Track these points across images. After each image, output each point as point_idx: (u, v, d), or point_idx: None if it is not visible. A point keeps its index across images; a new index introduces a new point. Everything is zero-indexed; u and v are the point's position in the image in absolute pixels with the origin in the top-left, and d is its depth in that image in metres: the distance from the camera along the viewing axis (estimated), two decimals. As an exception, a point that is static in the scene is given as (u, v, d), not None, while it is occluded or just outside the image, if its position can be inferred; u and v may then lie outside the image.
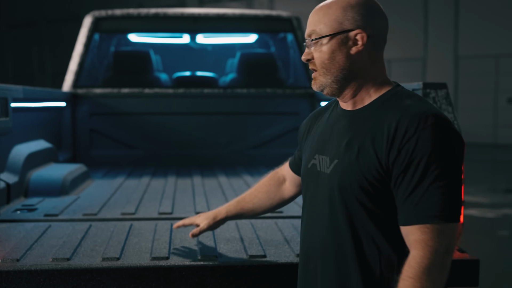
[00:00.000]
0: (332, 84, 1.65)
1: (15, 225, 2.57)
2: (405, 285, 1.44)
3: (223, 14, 4.98)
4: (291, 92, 4.84)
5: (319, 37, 1.63)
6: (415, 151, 1.46)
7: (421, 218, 1.45)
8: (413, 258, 1.45)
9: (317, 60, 1.65)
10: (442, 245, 1.44)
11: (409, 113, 1.50)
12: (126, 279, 2.04)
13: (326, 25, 1.63)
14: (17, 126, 3.26)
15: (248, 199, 2.16)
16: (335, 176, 1.61)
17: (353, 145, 1.59)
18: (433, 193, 1.44)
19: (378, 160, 1.52)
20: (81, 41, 4.78)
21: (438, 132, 1.46)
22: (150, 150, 4.71)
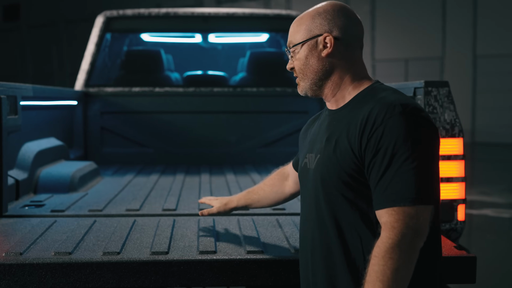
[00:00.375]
0: (312, 87, 1.79)
1: (22, 220, 2.63)
2: (371, 263, 1.51)
3: (232, 13, 5.02)
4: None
5: (292, 45, 1.79)
6: (382, 139, 1.54)
7: (388, 201, 1.52)
8: (380, 239, 1.52)
9: (296, 67, 1.80)
10: (408, 226, 1.49)
11: (379, 104, 1.60)
12: (126, 273, 2.08)
13: (299, 34, 1.77)
14: (28, 124, 3.33)
15: (256, 191, 2.35)
16: (317, 170, 1.72)
17: (331, 140, 1.69)
18: (400, 178, 1.51)
19: (352, 151, 1.61)
20: (93, 41, 4.85)
21: (404, 119, 1.54)
22: (160, 148, 4.77)
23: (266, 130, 4.81)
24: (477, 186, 10.38)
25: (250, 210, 2.87)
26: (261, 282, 2.14)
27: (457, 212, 2.59)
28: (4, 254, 2.10)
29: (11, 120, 2.87)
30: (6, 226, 2.52)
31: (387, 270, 1.47)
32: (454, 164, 2.61)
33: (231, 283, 2.14)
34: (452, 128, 2.57)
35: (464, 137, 2.64)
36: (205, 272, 2.11)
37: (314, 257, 1.74)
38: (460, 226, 2.60)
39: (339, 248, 1.65)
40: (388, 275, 1.47)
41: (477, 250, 6.33)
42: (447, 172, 2.57)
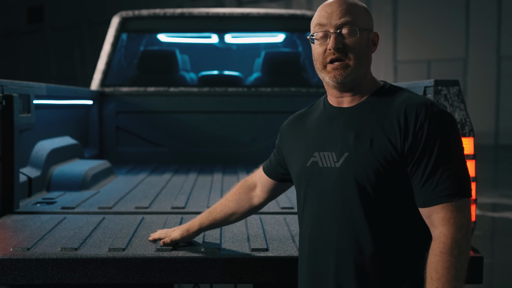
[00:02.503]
0: (361, 76, 1.73)
1: (32, 217, 2.67)
2: (438, 260, 1.54)
3: (247, 13, 5.03)
4: (315, 91, 4.85)
5: (364, 29, 1.72)
6: (430, 136, 1.59)
7: (443, 197, 1.57)
8: (442, 234, 1.55)
9: (353, 50, 1.70)
10: (466, 218, 1.57)
11: (413, 102, 1.64)
12: (131, 269, 2.10)
13: (362, 19, 1.73)
14: (42, 122, 3.38)
15: (219, 209, 2.19)
16: (349, 168, 1.68)
17: (363, 138, 1.67)
18: (449, 173, 1.57)
19: (393, 147, 1.62)
20: (108, 41, 4.91)
21: (443, 116, 1.62)
22: (175, 147, 4.79)
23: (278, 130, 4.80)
24: (499, 189, 10.24)
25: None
26: (265, 280, 2.14)
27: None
28: (11, 249, 2.14)
29: (23, 118, 2.91)
30: (16, 222, 2.56)
31: (458, 265, 1.52)
32: (465, 164, 2.58)
33: (235, 281, 2.14)
34: (462, 128, 2.54)
35: (474, 136, 2.60)
36: (209, 269, 2.12)
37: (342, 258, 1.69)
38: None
39: (372, 246, 1.65)
40: (458, 269, 1.53)
41: (498, 253, 6.25)
42: (457, 172, 2.54)
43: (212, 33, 5.53)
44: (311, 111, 1.92)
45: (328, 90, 1.81)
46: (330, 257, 1.72)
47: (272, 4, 22.00)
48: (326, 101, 1.85)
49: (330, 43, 1.69)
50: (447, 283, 1.51)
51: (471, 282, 2.18)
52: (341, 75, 1.70)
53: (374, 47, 1.77)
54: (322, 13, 1.73)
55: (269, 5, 21.66)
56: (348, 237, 1.68)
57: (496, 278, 5.42)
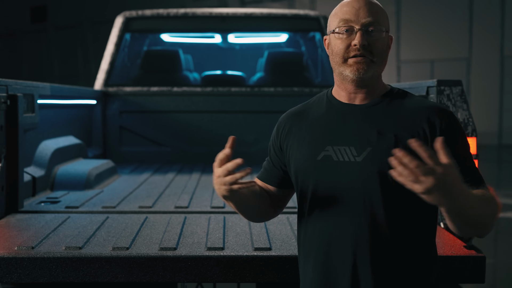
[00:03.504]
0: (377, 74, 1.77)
1: (37, 216, 2.68)
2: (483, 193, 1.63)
3: (250, 13, 5.04)
4: (318, 91, 4.85)
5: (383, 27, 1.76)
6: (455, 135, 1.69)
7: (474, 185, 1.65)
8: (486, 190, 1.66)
9: (377, 48, 1.74)
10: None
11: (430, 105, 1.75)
12: (134, 268, 2.12)
13: (385, 20, 1.78)
14: (46, 122, 3.40)
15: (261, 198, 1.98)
16: (370, 163, 1.69)
17: (386, 135, 1.70)
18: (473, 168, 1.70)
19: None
20: (112, 41, 4.92)
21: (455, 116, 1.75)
22: (178, 147, 4.81)
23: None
24: (502, 189, 10.23)
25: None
26: (268, 279, 2.15)
27: None
28: (16, 248, 2.15)
29: (27, 118, 2.93)
30: (21, 221, 2.58)
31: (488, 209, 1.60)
32: (468, 163, 2.59)
33: (238, 279, 2.15)
34: (465, 128, 2.55)
35: (477, 136, 2.61)
36: (212, 268, 2.13)
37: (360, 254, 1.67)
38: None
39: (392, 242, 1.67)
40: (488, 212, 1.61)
41: (501, 253, 6.25)
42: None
43: (215, 33, 5.54)
44: (310, 107, 1.88)
45: (341, 85, 1.78)
46: (346, 252, 1.69)
47: (275, 4, 22.00)
48: (332, 97, 1.82)
49: (356, 39, 1.71)
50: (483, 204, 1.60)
51: (473, 281, 2.19)
52: (363, 69, 1.71)
53: (388, 49, 1.81)
54: (348, 8, 1.74)
55: (272, 5, 21.67)
56: (368, 233, 1.67)
57: (499, 278, 5.43)
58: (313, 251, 1.76)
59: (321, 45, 5.19)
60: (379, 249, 1.66)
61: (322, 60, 5.21)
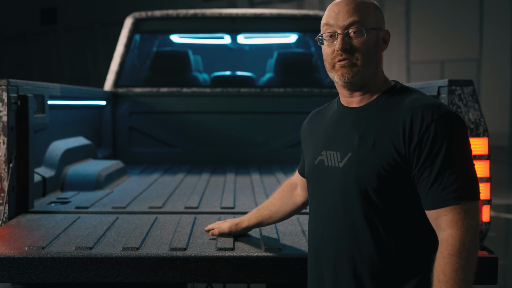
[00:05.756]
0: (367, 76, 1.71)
1: (47, 216, 2.69)
2: (446, 262, 1.52)
3: (260, 14, 5.03)
4: (328, 91, 4.85)
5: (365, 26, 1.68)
6: (435, 139, 1.56)
7: (450, 199, 1.55)
8: (450, 236, 1.53)
9: (360, 50, 1.68)
10: (474, 221, 1.55)
11: (420, 104, 1.61)
12: (144, 268, 2.12)
13: (370, 18, 1.70)
14: (56, 122, 3.41)
15: (266, 207, 2.27)
16: (350, 169, 1.67)
17: (367, 139, 1.66)
18: (457, 176, 1.55)
19: (396, 151, 1.60)
20: (122, 42, 4.93)
21: (450, 120, 1.58)
22: (187, 148, 4.81)
23: (293, 131, 4.81)
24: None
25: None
26: (278, 280, 2.15)
27: (482, 213, 2.54)
28: (27, 248, 2.16)
29: (38, 119, 2.94)
30: (31, 222, 2.58)
31: (466, 267, 1.51)
32: (479, 164, 2.56)
33: (248, 280, 2.15)
34: (476, 128, 2.53)
35: (489, 136, 2.59)
36: (223, 269, 2.13)
37: (339, 256, 1.71)
38: (484, 227, 2.55)
39: (371, 247, 1.64)
40: (467, 271, 1.51)
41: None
42: (471, 173, 2.52)
43: (225, 34, 5.54)
44: (328, 109, 1.92)
45: (338, 89, 1.80)
46: (329, 257, 1.74)
47: (284, 5, 21.98)
48: (339, 100, 1.85)
49: (337, 44, 1.68)
50: (455, 286, 1.50)
51: (485, 283, 2.17)
52: (348, 74, 1.69)
53: (384, 45, 1.75)
54: (330, 13, 1.73)
55: (281, 6, 21.65)
56: (347, 237, 1.68)
57: (510, 279, 5.38)
58: (309, 249, 1.87)
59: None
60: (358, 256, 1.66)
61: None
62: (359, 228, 1.65)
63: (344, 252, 1.69)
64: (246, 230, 2.34)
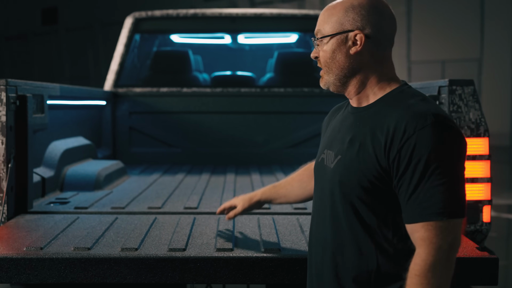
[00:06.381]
0: (335, 82, 1.71)
1: (46, 217, 2.68)
2: (412, 283, 1.47)
3: (260, 14, 5.02)
4: (328, 91, 4.82)
5: (321, 36, 1.71)
6: (415, 151, 1.49)
7: (424, 215, 1.48)
8: (418, 255, 1.48)
9: (321, 59, 1.72)
10: (446, 241, 1.47)
11: (409, 113, 1.54)
12: (143, 269, 2.10)
13: (329, 25, 1.69)
14: (55, 123, 3.40)
15: (283, 185, 2.26)
16: (337, 172, 1.67)
17: (354, 142, 1.63)
18: (434, 191, 1.47)
19: (377, 159, 1.56)
20: (122, 42, 4.92)
21: (437, 131, 1.49)
22: (187, 148, 4.80)
23: (293, 131, 4.80)
24: (514, 190, 10.15)
25: (271, 209, 2.87)
26: (278, 281, 2.14)
27: (483, 213, 2.53)
28: (25, 249, 2.15)
29: (37, 119, 2.93)
30: (30, 222, 2.58)
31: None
32: (480, 164, 2.56)
33: (247, 281, 2.14)
34: (477, 128, 2.52)
35: (490, 136, 2.58)
36: (222, 269, 2.12)
37: (324, 255, 1.71)
38: (485, 227, 2.55)
39: (352, 250, 1.62)
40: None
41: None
42: (472, 173, 2.52)
43: (225, 34, 5.53)
44: (344, 106, 1.88)
45: None
46: (317, 256, 1.75)
47: (285, 5, 21.96)
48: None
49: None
50: None
51: (486, 283, 2.15)
52: (321, 83, 1.77)
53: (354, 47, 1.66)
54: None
55: (282, 6, 21.64)
56: (332, 238, 1.68)
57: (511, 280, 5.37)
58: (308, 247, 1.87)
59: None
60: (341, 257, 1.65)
61: (332, 60, 5.18)
62: (342, 231, 1.64)
63: (329, 252, 1.69)
64: (258, 204, 2.30)
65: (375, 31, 1.66)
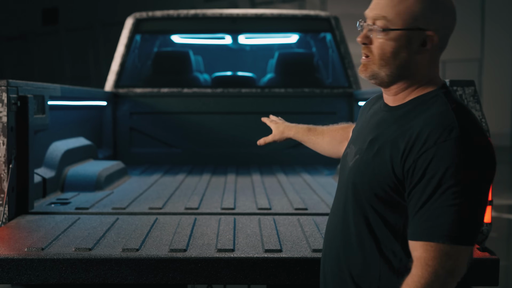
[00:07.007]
0: (385, 78, 1.54)
1: (47, 217, 2.68)
2: None
3: (261, 14, 5.03)
4: (329, 91, 4.84)
5: (390, 28, 1.48)
6: (431, 164, 1.37)
7: (426, 235, 1.37)
8: (411, 276, 1.39)
9: (376, 49, 1.51)
10: (443, 267, 1.36)
11: (435, 121, 1.41)
12: (144, 270, 2.11)
13: (399, 15, 1.48)
14: (56, 123, 3.40)
15: (318, 132, 2.24)
16: (352, 172, 1.59)
17: (374, 144, 1.53)
18: (443, 211, 1.35)
19: (392, 166, 1.46)
20: (122, 42, 4.93)
21: (460, 147, 1.36)
22: (188, 148, 4.80)
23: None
24: (515, 190, 10.15)
25: (272, 210, 2.87)
26: (279, 281, 2.14)
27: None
28: (26, 249, 2.15)
29: (38, 119, 2.93)
30: (31, 223, 2.58)
31: None
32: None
33: (248, 281, 2.14)
34: (478, 128, 2.52)
35: (490, 137, 2.57)
36: (223, 270, 2.12)
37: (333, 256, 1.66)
38: (486, 228, 2.54)
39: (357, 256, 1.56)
40: None
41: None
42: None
43: (226, 34, 5.53)
44: (378, 99, 1.74)
45: None
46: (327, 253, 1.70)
47: (286, 5, 21.95)
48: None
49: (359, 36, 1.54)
50: None
51: (487, 284, 2.16)
52: (364, 72, 1.55)
53: (423, 48, 1.50)
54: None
55: (282, 6, 21.63)
56: (341, 238, 1.62)
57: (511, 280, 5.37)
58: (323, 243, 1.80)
59: (331, 46, 5.16)
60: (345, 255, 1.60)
61: (333, 60, 5.19)
62: (350, 233, 1.58)
63: (336, 251, 1.64)
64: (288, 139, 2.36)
65: (444, 34, 1.52)
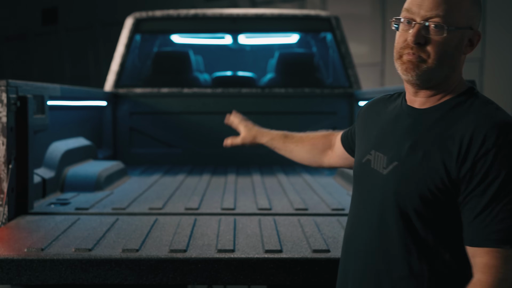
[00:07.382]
0: (438, 79, 1.49)
1: (46, 218, 2.67)
2: None
3: (261, 14, 5.02)
4: (329, 91, 4.83)
5: (452, 27, 1.44)
6: (493, 166, 1.33)
7: (493, 241, 1.33)
8: (479, 282, 1.34)
9: (435, 48, 1.45)
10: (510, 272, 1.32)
11: (487, 122, 1.37)
12: (144, 270, 2.10)
13: (458, 15, 1.45)
14: (56, 123, 3.39)
15: (295, 140, 2.20)
16: (392, 179, 1.50)
17: (417, 150, 1.46)
18: (508, 215, 1.32)
19: (446, 171, 1.40)
20: (122, 42, 4.92)
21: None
22: (188, 148, 4.79)
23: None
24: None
25: (272, 210, 2.86)
26: (279, 282, 2.13)
27: None
28: (26, 250, 2.14)
29: (38, 120, 2.92)
30: (31, 223, 2.57)
31: None
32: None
33: (248, 282, 2.13)
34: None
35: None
36: (223, 270, 2.11)
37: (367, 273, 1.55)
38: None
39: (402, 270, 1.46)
40: None
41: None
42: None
43: (226, 34, 5.52)
44: (391, 101, 1.69)
45: (404, 83, 1.57)
46: (357, 268, 1.59)
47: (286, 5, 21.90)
48: (405, 95, 1.62)
49: (410, 35, 1.46)
50: None
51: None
52: (413, 71, 1.47)
53: (469, 47, 1.50)
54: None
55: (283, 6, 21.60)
56: (378, 253, 1.52)
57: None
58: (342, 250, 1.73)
59: (332, 46, 5.16)
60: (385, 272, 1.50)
61: (334, 60, 5.18)
62: (391, 247, 1.48)
63: (372, 268, 1.53)
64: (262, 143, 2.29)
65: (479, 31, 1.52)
